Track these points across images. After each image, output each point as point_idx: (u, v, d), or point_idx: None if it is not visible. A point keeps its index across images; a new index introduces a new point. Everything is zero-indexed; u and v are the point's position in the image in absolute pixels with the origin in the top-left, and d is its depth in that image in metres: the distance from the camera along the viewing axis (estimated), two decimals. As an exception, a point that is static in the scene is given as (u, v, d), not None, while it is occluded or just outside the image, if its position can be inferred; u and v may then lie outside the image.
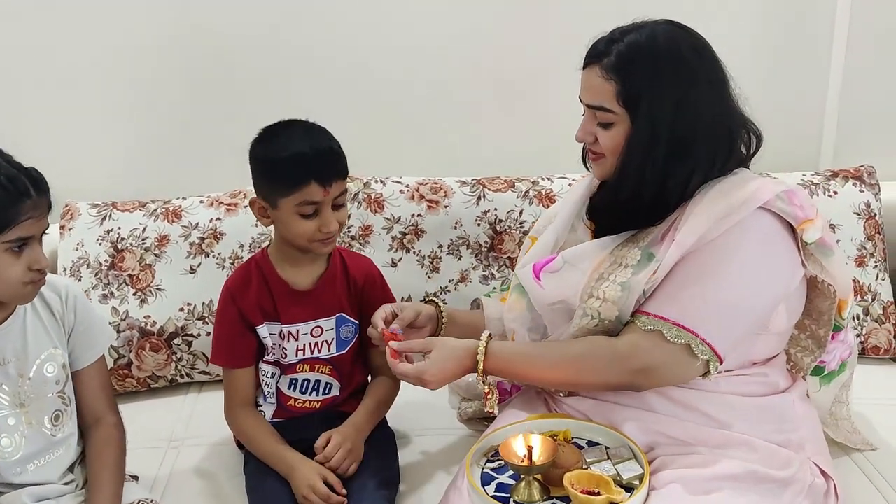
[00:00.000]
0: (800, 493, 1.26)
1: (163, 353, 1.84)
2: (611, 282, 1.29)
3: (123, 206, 1.93)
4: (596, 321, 1.30)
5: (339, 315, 1.54)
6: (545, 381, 1.40)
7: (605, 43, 1.32)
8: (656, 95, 1.27)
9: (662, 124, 1.28)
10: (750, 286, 1.26)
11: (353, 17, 2.08)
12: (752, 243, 1.26)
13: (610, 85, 1.30)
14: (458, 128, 2.18)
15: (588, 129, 1.36)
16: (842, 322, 1.39)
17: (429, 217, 1.93)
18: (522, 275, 1.43)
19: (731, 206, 1.26)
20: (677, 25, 1.33)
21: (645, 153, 1.29)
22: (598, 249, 1.36)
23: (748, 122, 1.36)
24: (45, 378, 1.34)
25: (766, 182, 1.31)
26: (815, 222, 1.29)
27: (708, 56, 1.32)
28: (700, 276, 1.26)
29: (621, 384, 1.31)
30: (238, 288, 1.52)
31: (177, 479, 1.56)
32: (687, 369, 1.27)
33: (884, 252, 1.97)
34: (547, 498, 1.23)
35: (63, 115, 2.07)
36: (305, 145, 1.40)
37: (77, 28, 2.02)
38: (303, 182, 1.38)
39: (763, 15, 2.14)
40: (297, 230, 1.43)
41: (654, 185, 1.30)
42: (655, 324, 1.25)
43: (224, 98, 2.09)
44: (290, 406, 1.55)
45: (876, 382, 1.81)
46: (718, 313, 1.25)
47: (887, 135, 2.21)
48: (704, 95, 1.29)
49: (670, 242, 1.28)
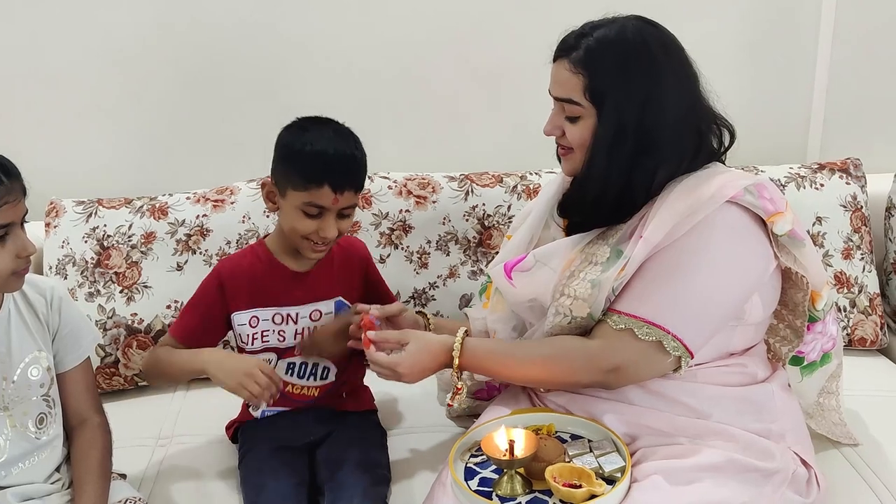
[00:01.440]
0: (783, 483, 1.27)
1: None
2: (581, 279, 1.30)
3: (109, 204, 1.92)
4: (569, 319, 1.31)
5: (338, 299, 1.54)
6: (518, 379, 1.41)
7: (574, 37, 1.33)
8: (623, 91, 1.28)
9: (629, 120, 1.28)
10: (719, 280, 1.27)
11: (342, 14, 2.08)
12: (720, 238, 1.27)
13: (577, 79, 1.30)
14: (446, 123, 2.18)
15: (556, 123, 1.37)
16: (816, 313, 1.39)
17: (417, 212, 1.93)
18: (494, 274, 1.44)
19: (698, 201, 1.26)
20: (647, 22, 1.34)
21: (610, 148, 1.30)
22: (569, 247, 1.36)
23: (718, 117, 1.36)
24: (30, 381, 1.33)
25: (734, 176, 1.31)
26: (785, 215, 1.30)
27: (676, 53, 1.32)
28: (669, 272, 1.26)
29: (593, 383, 1.32)
30: (230, 270, 1.50)
31: (165, 477, 1.56)
32: (658, 366, 1.28)
33: (870, 244, 1.98)
34: (529, 491, 1.23)
35: (47, 112, 2.07)
36: (331, 147, 1.40)
37: (62, 24, 2.02)
38: (316, 182, 1.38)
39: (749, 9, 2.14)
40: (295, 225, 1.42)
41: (619, 180, 1.30)
42: (626, 322, 1.26)
43: (210, 94, 2.09)
44: (289, 392, 1.54)
45: (862, 374, 1.81)
46: (689, 309, 1.26)
47: (873, 127, 2.22)
48: (672, 92, 1.29)
49: (638, 239, 1.28)
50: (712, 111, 1.36)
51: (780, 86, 2.19)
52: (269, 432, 1.53)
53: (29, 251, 1.24)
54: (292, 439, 1.52)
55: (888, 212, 2.03)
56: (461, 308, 1.93)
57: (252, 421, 1.57)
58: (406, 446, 1.62)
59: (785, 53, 2.17)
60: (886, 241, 2.04)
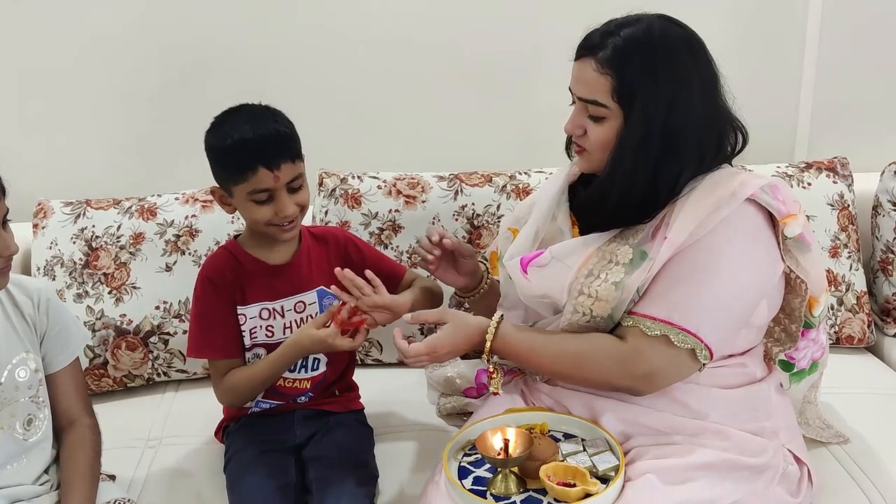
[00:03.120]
0: (773, 480, 1.28)
1: (139, 352, 1.83)
2: (603, 280, 1.29)
3: (97, 204, 1.91)
4: (588, 318, 1.30)
5: (320, 289, 1.53)
6: (546, 371, 1.40)
7: (600, 35, 1.30)
8: (651, 93, 1.26)
9: (656, 122, 1.26)
10: (741, 282, 1.27)
11: (331, 12, 2.07)
12: (741, 238, 1.27)
13: (605, 79, 1.27)
14: (436, 123, 2.17)
15: (578, 122, 1.33)
16: (812, 320, 1.40)
17: (406, 212, 1.93)
18: (510, 266, 1.42)
19: (720, 199, 1.26)
20: (672, 21, 1.32)
21: (637, 150, 1.28)
22: (586, 245, 1.35)
23: (735, 119, 1.36)
24: (17, 382, 1.32)
25: (750, 176, 1.31)
26: (798, 218, 1.30)
27: (702, 54, 1.31)
28: (694, 273, 1.25)
29: (622, 387, 1.30)
30: (215, 272, 1.49)
31: (154, 478, 1.56)
32: (686, 372, 1.28)
33: (857, 243, 1.99)
34: (523, 490, 1.23)
35: (35, 113, 2.05)
36: (248, 131, 1.39)
37: (48, 24, 2.00)
38: (249, 169, 1.37)
39: (735, 7, 2.15)
40: (253, 216, 1.42)
41: (645, 182, 1.29)
42: (662, 328, 1.25)
43: (199, 94, 2.08)
44: (280, 387, 1.54)
45: (850, 372, 1.83)
46: (714, 312, 1.26)
47: (860, 127, 2.23)
48: (697, 94, 1.28)
49: (662, 240, 1.27)
50: (730, 113, 1.35)
51: (767, 85, 2.20)
52: (255, 433, 1.53)
53: (11, 250, 1.23)
54: (279, 440, 1.51)
55: (875, 210, 2.04)
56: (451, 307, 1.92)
57: (238, 422, 1.57)
58: (394, 445, 1.62)
59: (772, 52, 2.18)
60: (873, 240, 2.05)
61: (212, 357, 1.51)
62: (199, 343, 1.50)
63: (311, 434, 1.54)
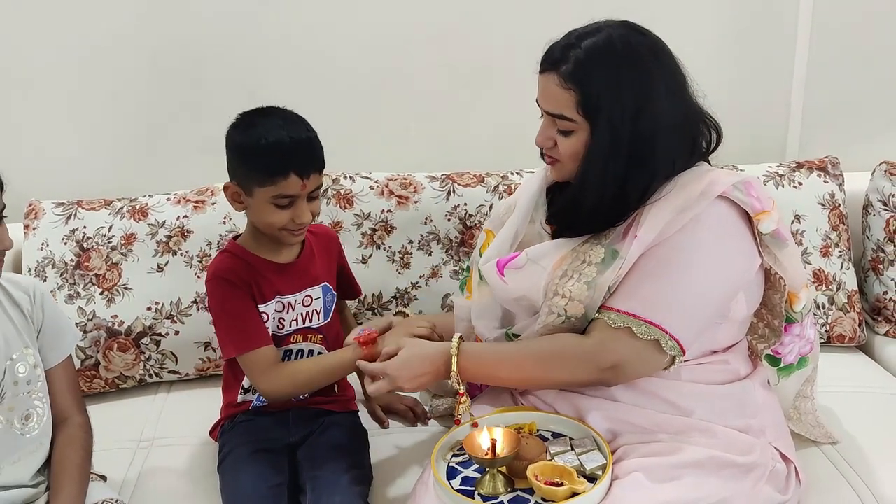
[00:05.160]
0: (761, 478, 1.28)
1: (131, 353, 1.83)
2: (576, 280, 1.30)
3: (89, 205, 1.91)
4: (563, 318, 1.31)
5: (324, 284, 1.55)
6: (515, 381, 1.40)
7: (561, 49, 1.30)
8: (616, 104, 1.26)
9: (623, 131, 1.27)
10: (710, 278, 1.28)
11: (322, 12, 2.07)
12: (711, 233, 1.28)
13: (569, 94, 1.28)
14: (428, 123, 2.17)
15: (547, 135, 1.34)
16: (794, 315, 1.40)
17: (399, 213, 1.93)
18: (486, 270, 1.43)
19: (689, 198, 1.27)
20: (634, 28, 1.32)
21: (605, 161, 1.29)
22: (561, 246, 1.36)
23: (708, 117, 1.36)
24: (17, 377, 1.33)
25: (722, 173, 1.32)
26: (771, 214, 1.31)
27: (665, 59, 1.31)
28: (663, 269, 1.27)
29: (591, 381, 1.31)
30: (229, 272, 1.47)
31: (146, 479, 1.55)
32: (654, 364, 1.29)
33: (848, 242, 2.00)
34: (511, 490, 1.24)
35: (25, 113, 2.05)
36: (285, 135, 1.38)
37: (39, 25, 2.00)
38: (281, 174, 1.37)
39: (727, 7, 2.15)
40: (269, 219, 1.42)
41: (615, 189, 1.30)
42: (625, 320, 1.26)
43: (190, 94, 2.08)
44: None
45: (841, 370, 1.83)
46: (684, 307, 1.27)
47: (851, 126, 2.23)
48: (664, 100, 1.28)
49: (633, 239, 1.28)
50: (702, 112, 1.35)
51: (758, 85, 2.20)
52: (249, 433, 1.52)
53: (6, 245, 1.23)
54: (273, 440, 1.51)
55: (865, 209, 2.05)
56: (443, 309, 1.93)
57: (233, 421, 1.57)
58: (387, 446, 1.62)
59: (763, 52, 2.19)
60: (864, 239, 2.06)
61: (253, 348, 1.46)
62: (234, 339, 1.46)
63: (306, 434, 1.54)
